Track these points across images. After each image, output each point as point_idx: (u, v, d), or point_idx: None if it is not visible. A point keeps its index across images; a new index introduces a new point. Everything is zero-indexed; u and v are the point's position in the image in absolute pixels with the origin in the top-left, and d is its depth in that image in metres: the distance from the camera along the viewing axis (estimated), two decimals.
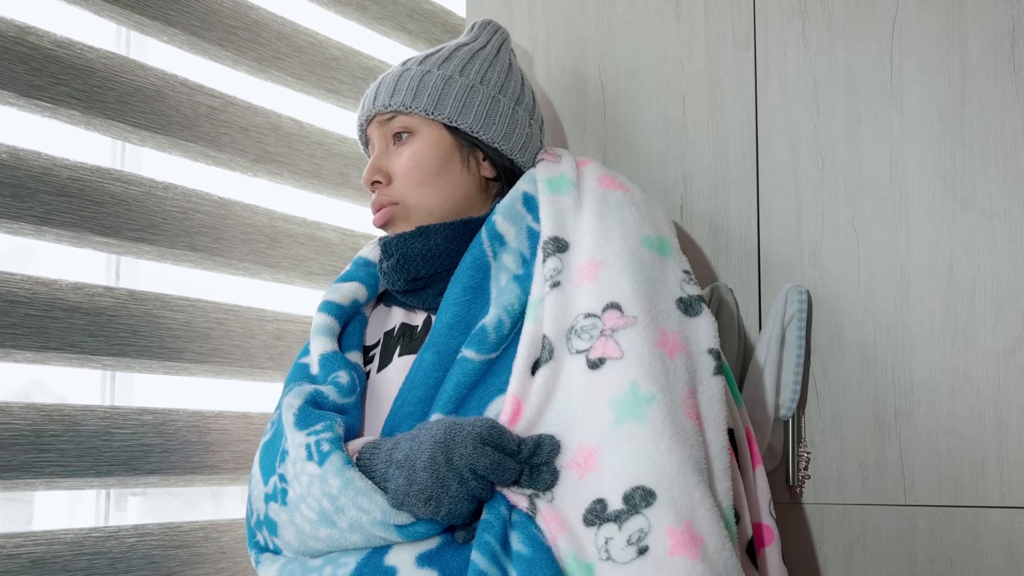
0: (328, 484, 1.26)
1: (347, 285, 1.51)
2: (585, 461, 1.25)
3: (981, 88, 1.57)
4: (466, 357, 1.35)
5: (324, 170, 1.79)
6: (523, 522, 1.25)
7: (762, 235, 1.70)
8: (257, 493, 1.37)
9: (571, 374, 1.31)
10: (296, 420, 1.32)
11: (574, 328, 1.33)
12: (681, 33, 1.80)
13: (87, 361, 1.44)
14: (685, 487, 1.21)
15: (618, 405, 1.26)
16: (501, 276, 1.41)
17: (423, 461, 1.23)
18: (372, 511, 1.24)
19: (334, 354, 1.42)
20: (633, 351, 1.29)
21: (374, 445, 1.31)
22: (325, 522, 1.27)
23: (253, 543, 1.40)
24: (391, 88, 1.49)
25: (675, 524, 1.19)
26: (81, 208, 1.44)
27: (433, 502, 1.22)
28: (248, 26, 1.68)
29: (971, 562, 1.52)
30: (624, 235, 1.39)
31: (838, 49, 1.67)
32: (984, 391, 1.53)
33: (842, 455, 1.61)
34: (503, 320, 1.36)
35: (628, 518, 1.20)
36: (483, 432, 1.23)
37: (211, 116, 1.62)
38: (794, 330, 1.61)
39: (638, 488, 1.21)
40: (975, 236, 1.55)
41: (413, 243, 1.45)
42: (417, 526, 1.25)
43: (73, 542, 1.40)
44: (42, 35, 1.42)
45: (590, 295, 1.34)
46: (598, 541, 1.20)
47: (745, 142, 1.73)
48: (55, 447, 1.38)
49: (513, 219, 1.45)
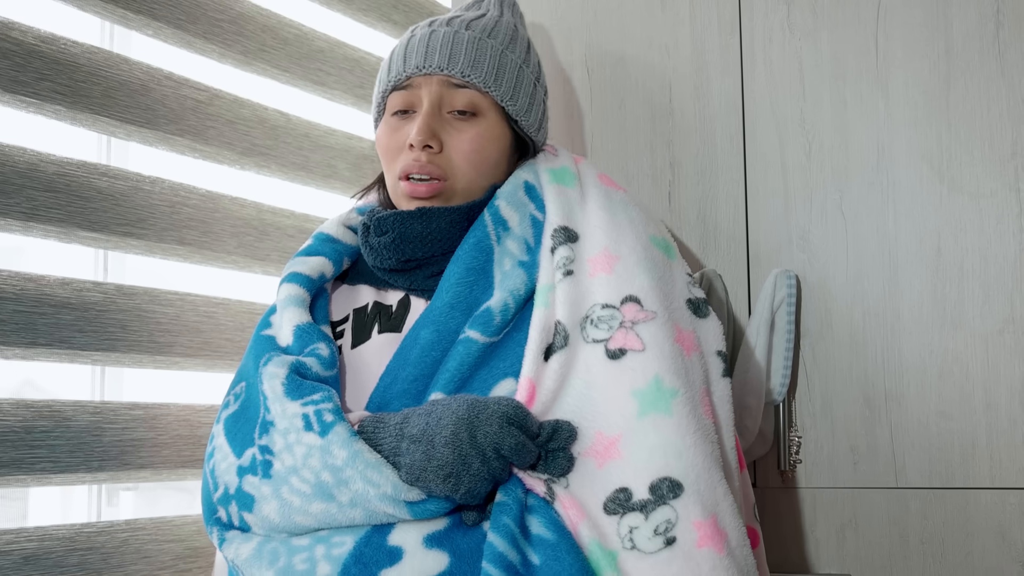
0: (332, 455, 1.22)
1: (314, 259, 1.47)
2: (606, 450, 1.25)
3: (966, 70, 1.57)
4: (470, 338, 1.33)
5: (312, 162, 1.79)
6: (542, 506, 1.23)
7: (750, 220, 1.70)
8: (226, 466, 1.31)
9: (588, 362, 1.30)
10: (286, 389, 1.28)
11: (590, 317, 1.33)
12: (667, 19, 1.80)
13: (76, 356, 1.44)
14: (710, 481, 1.22)
15: (641, 396, 1.26)
16: (505, 261, 1.40)
17: (444, 436, 1.20)
18: (382, 485, 1.20)
19: (310, 325, 1.39)
20: (655, 344, 1.29)
21: (377, 419, 1.28)
22: (321, 495, 1.23)
23: (214, 520, 1.33)
24: (471, 56, 1.45)
25: (702, 517, 1.19)
26: (68, 203, 1.44)
27: (453, 479, 1.19)
28: (233, 19, 1.68)
29: (962, 543, 1.52)
30: (635, 232, 1.40)
31: (823, 33, 1.67)
32: (973, 373, 1.53)
33: (833, 439, 1.62)
34: (508, 304, 1.36)
35: (655, 508, 1.20)
36: (509, 411, 1.21)
37: (197, 110, 1.62)
38: (783, 315, 1.62)
39: (665, 479, 1.21)
40: (962, 218, 1.56)
41: (413, 224, 1.42)
42: (428, 504, 1.22)
43: (65, 538, 1.40)
44: (25, 31, 1.41)
45: (607, 286, 1.34)
46: (621, 530, 1.20)
47: (732, 128, 1.73)
48: (45, 443, 1.38)
49: (516, 206, 1.44)
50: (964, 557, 1.52)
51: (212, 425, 1.54)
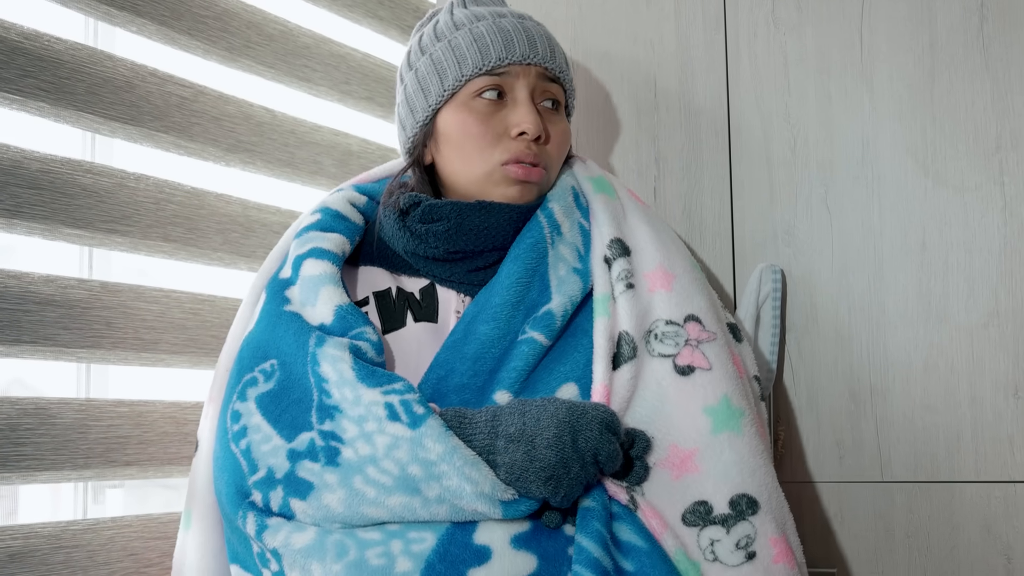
0: (425, 449, 1.19)
1: (333, 236, 1.42)
2: (682, 463, 1.28)
3: (951, 64, 1.57)
4: (533, 339, 1.33)
5: (297, 159, 1.79)
6: (628, 515, 1.25)
7: (735, 215, 1.70)
8: (270, 448, 1.26)
9: (658, 376, 1.33)
10: (359, 375, 1.24)
11: (654, 332, 1.36)
12: (651, 15, 1.80)
13: (61, 354, 1.43)
14: (779, 500, 1.30)
15: (714, 414, 1.30)
16: (560, 265, 1.40)
17: (547, 439, 1.20)
18: (481, 483, 1.19)
19: (352, 307, 1.34)
20: (720, 364, 1.33)
21: (459, 414, 1.26)
22: (405, 488, 1.20)
23: (247, 503, 1.26)
24: (555, 50, 1.48)
25: (776, 534, 1.26)
26: (52, 200, 1.43)
27: (553, 482, 1.19)
28: (217, 15, 1.67)
29: (948, 537, 1.53)
30: (680, 252, 1.45)
31: (808, 28, 1.67)
32: (958, 366, 1.54)
33: (818, 433, 1.62)
34: (568, 309, 1.37)
35: (735, 523, 1.25)
36: (607, 418, 1.23)
37: (182, 106, 1.61)
38: (769, 309, 1.62)
39: (743, 496, 1.26)
40: (947, 212, 1.56)
41: (473, 215, 1.39)
42: (520, 504, 1.21)
43: (51, 535, 1.39)
44: (8, 27, 1.41)
45: (668, 303, 1.37)
46: (701, 542, 1.25)
47: (717, 123, 1.73)
48: (31, 440, 1.38)
49: (567, 212, 1.45)
50: (950, 551, 1.53)
51: (199, 423, 1.49)
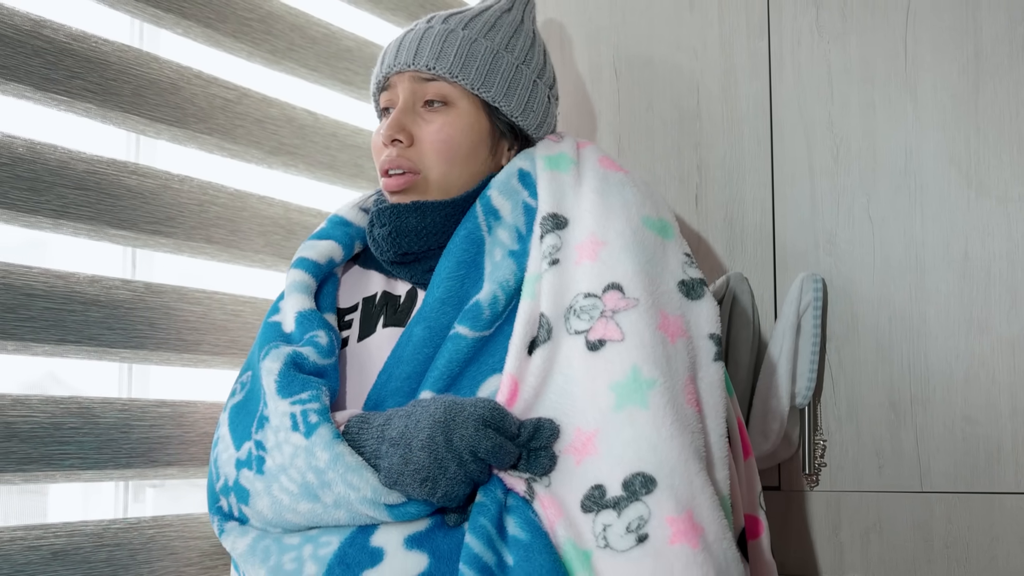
0: (315, 457, 1.22)
1: (323, 243, 1.47)
2: (583, 446, 1.22)
3: (995, 74, 1.56)
4: (459, 334, 1.31)
5: (339, 161, 1.80)
6: (520, 506, 1.22)
7: (777, 224, 1.70)
8: (227, 457, 1.33)
9: (569, 355, 1.28)
10: (279, 386, 1.28)
11: (573, 308, 1.30)
12: (695, 22, 1.80)
13: (105, 354, 1.45)
14: (686, 475, 1.18)
15: (619, 389, 1.23)
16: (496, 251, 1.38)
17: (421, 440, 1.19)
18: (362, 488, 1.21)
19: (312, 312, 1.38)
20: (634, 334, 1.26)
21: (363, 419, 1.27)
22: (307, 496, 1.24)
23: (215, 508, 1.36)
24: (436, 48, 1.44)
25: (676, 512, 1.16)
26: (98, 201, 1.45)
27: (429, 483, 1.19)
28: (262, 18, 1.68)
29: (987, 548, 1.52)
30: (626, 215, 1.36)
31: (852, 37, 1.67)
32: (1000, 377, 1.53)
33: (858, 443, 1.61)
34: (498, 296, 1.34)
35: (627, 505, 1.17)
36: (485, 413, 1.20)
37: (226, 108, 1.62)
38: (810, 318, 1.62)
39: (638, 474, 1.18)
40: (990, 223, 1.55)
41: (408, 218, 1.41)
42: (408, 507, 1.22)
43: (93, 534, 1.40)
44: (57, 29, 1.42)
45: (590, 274, 1.31)
46: (596, 528, 1.18)
47: (760, 131, 1.73)
48: (74, 439, 1.39)
49: (508, 194, 1.42)
50: (988, 562, 1.52)
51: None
